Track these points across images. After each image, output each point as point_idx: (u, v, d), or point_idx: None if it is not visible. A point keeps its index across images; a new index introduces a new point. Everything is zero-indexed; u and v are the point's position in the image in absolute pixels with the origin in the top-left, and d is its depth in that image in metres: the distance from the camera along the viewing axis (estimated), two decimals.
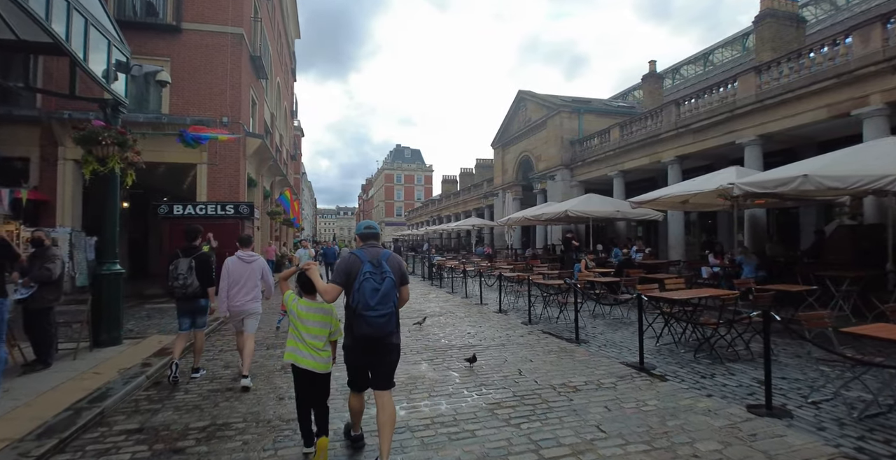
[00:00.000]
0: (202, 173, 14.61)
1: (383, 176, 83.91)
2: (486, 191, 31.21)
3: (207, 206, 12.71)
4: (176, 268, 5.23)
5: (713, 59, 32.13)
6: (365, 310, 2.93)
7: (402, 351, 6.22)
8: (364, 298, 2.93)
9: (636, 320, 8.66)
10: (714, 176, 10.41)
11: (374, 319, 2.94)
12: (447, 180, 55.70)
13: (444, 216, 41.47)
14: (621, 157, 17.79)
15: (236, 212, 12.89)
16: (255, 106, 18.50)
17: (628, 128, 17.70)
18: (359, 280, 2.98)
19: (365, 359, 3.15)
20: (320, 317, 3.32)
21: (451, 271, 14.71)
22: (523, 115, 25.02)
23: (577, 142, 20.85)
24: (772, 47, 16.99)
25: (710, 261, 10.98)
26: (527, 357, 6.03)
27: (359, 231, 3.41)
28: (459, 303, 11.22)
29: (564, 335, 7.34)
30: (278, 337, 7.75)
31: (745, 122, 12.72)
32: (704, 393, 4.53)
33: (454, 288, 14.25)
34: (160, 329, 7.85)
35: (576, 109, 21.42)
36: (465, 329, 8.04)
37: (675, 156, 15.23)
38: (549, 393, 4.61)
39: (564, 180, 21.03)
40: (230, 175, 14.87)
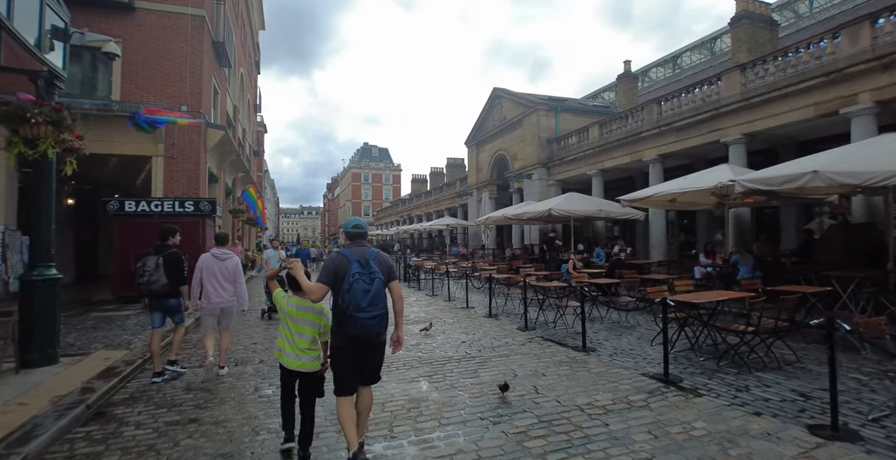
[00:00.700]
0: (158, 167, 13.32)
1: (350, 175, 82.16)
2: (460, 190, 30.61)
3: (164, 203, 11.50)
4: (143, 265, 5.20)
5: (681, 62, 32.73)
6: (356, 312, 2.90)
7: (396, 367, 5.56)
8: (355, 300, 2.90)
9: (637, 325, 8.35)
10: (707, 173, 10.13)
11: (366, 321, 2.92)
12: (417, 179, 54.90)
13: (415, 216, 40.65)
14: (601, 156, 17.53)
15: (196, 209, 11.74)
16: (218, 96, 17.21)
17: (608, 127, 17.47)
18: (348, 280, 2.93)
19: (356, 360, 3.08)
20: (311, 316, 3.22)
21: (432, 272, 13.94)
22: (498, 113, 24.56)
23: (555, 140, 20.52)
24: (747, 48, 17.12)
25: (701, 261, 10.69)
26: (537, 370, 5.38)
27: (346, 229, 3.31)
28: (444, 308, 10.50)
29: (568, 342, 6.76)
30: (248, 349, 6.81)
31: (730, 121, 12.58)
32: (751, 411, 4.00)
33: (434, 290, 13.53)
34: (107, 342, 6.77)
35: (553, 108, 21.10)
36: (457, 337, 7.34)
37: (657, 155, 15.04)
38: (578, 416, 3.97)
39: (542, 179, 20.66)
40: (189, 169, 13.63)
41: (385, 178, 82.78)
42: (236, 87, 22.41)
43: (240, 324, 8.61)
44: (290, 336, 3.20)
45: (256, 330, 8.35)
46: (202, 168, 13.95)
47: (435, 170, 49.29)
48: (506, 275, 10.68)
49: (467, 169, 29.05)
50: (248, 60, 27.68)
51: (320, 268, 3.26)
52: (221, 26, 16.02)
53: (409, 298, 12.45)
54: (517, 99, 22.55)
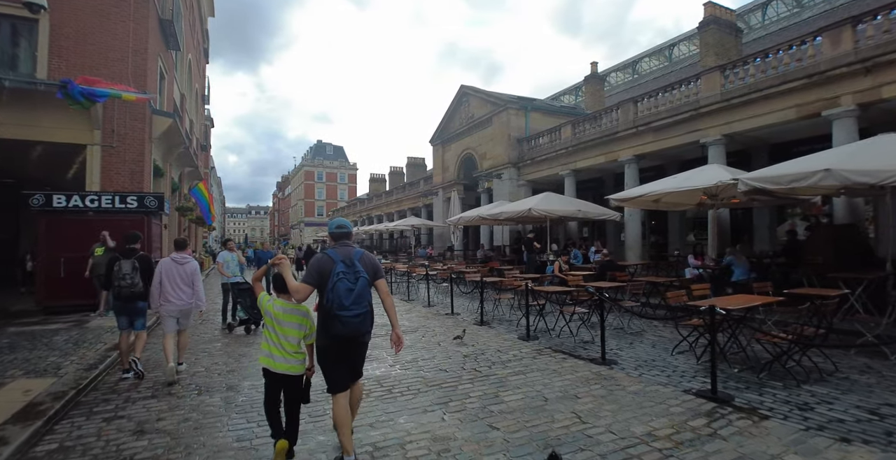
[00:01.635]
0: (94, 157, 11.67)
1: (303, 173, 79.24)
2: (424, 189, 29.77)
3: (102, 198, 9.97)
4: (120, 269, 5.32)
5: (639, 68, 33.49)
6: (339, 310, 2.91)
7: (400, 392, 4.69)
8: (338, 298, 2.91)
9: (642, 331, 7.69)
10: (698, 173, 9.88)
11: (349, 319, 2.94)
12: (375, 179, 53.54)
13: (375, 216, 39.38)
14: (574, 156, 17.25)
15: (141, 205, 10.29)
16: (164, 82, 15.54)
17: (581, 127, 17.22)
18: (332, 280, 2.95)
19: (342, 358, 3.12)
20: (297, 318, 3.19)
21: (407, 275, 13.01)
22: (466, 110, 23.95)
23: (525, 140, 20.13)
24: (715, 52, 17.37)
25: (690, 263, 10.44)
26: (566, 390, 4.67)
27: (330, 230, 3.38)
28: (427, 315, 9.66)
29: (581, 353, 6.12)
30: (210, 371, 5.70)
31: (710, 121, 12.51)
32: (836, 437, 3.46)
33: (409, 294, 12.62)
34: (28, 368, 5.45)
35: (523, 106, 20.72)
36: (456, 349, 6.54)
37: (633, 155, 14.87)
38: (649, 453, 3.27)
39: (512, 179, 20.20)
40: (132, 161, 12.05)
41: (340, 178, 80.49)
42: (184, 74, 20.55)
43: (196, 340, 7.42)
44: (278, 339, 3.12)
45: (216, 345, 7.17)
46: (146, 160, 12.39)
47: (395, 170, 48.16)
48: (497, 279, 9.94)
49: (432, 168, 28.26)
50: (197, 47, 25.65)
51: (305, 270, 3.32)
52: (170, 3, 14.42)
53: None
54: (486, 97, 22.02)
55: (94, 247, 9.06)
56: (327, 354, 3.08)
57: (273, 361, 3.10)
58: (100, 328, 7.90)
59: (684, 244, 16.05)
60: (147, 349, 6.33)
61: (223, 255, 8.64)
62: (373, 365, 5.68)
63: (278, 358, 3.10)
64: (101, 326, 8.04)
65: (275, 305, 3.16)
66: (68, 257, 9.47)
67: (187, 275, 5.48)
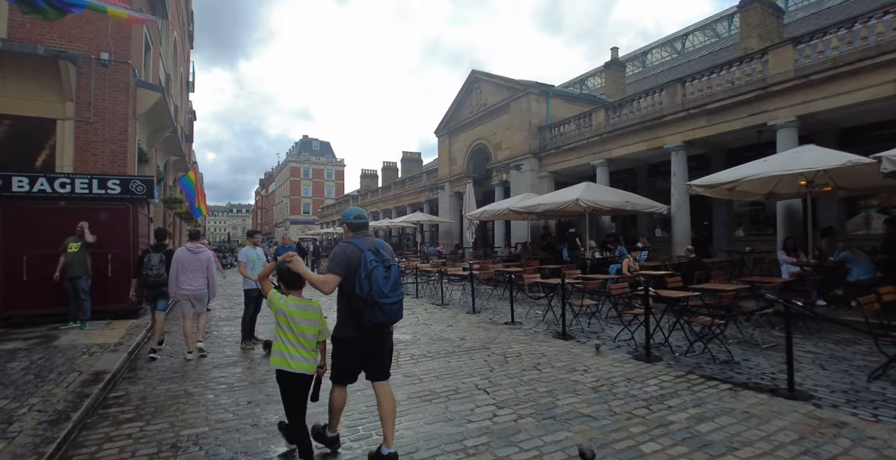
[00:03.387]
0: (66, 135, 9.69)
1: (288, 169, 76.57)
2: (427, 184, 28.02)
3: (76, 181, 8.05)
4: (150, 261, 6.07)
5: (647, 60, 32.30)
6: (380, 298, 2.84)
7: None
8: (377, 286, 2.84)
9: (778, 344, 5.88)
10: (798, 154, 8.42)
11: (390, 306, 2.89)
12: (367, 175, 51.48)
13: (371, 212, 37.41)
14: (608, 144, 15.73)
15: (125, 191, 8.39)
16: (150, 53, 13.51)
17: (616, 112, 15.70)
18: (365, 268, 2.86)
19: (366, 351, 3.04)
20: (312, 315, 3.03)
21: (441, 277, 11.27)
22: (477, 98, 22.28)
23: (547, 128, 18.56)
24: (758, 34, 16.09)
25: (781, 259, 8.97)
26: (805, 451, 3.05)
27: (347, 220, 3.21)
28: (481, 325, 7.97)
29: (744, 380, 4.52)
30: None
31: (780, 101, 11.07)
32: None
33: (443, 299, 10.90)
34: None
35: (544, 92, 19.13)
36: (565, 376, 4.88)
37: (682, 142, 13.40)
38: None
39: (532, 170, 18.61)
40: (112, 139, 10.09)
41: (327, 174, 78.09)
42: (169, 52, 18.42)
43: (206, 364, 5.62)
44: (296, 338, 2.97)
45: (234, 373, 5.36)
46: (130, 140, 10.42)
47: (388, 165, 46.30)
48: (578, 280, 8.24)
49: (437, 161, 26.52)
50: (182, 28, 23.43)
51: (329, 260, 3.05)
52: None
53: (416, 309, 9.77)
54: (502, 82, 20.37)
55: (67, 242, 7.18)
56: (352, 346, 3.03)
57: (289, 361, 2.93)
58: (73, 347, 6.03)
59: (732, 240, 14.70)
60: None
61: (247, 252, 6.61)
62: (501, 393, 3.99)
63: (296, 358, 2.94)
64: (74, 345, 6.17)
65: (289, 303, 3.01)
66: (33, 255, 7.56)
67: (202, 264, 5.99)
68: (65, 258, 7.15)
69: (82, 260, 7.24)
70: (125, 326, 7.57)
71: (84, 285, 7.26)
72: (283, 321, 2.98)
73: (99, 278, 7.88)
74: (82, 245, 7.15)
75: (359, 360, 3.04)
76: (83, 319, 7.29)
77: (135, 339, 6.60)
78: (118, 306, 8.24)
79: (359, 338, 2.95)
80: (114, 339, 6.53)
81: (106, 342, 6.37)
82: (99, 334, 6.91)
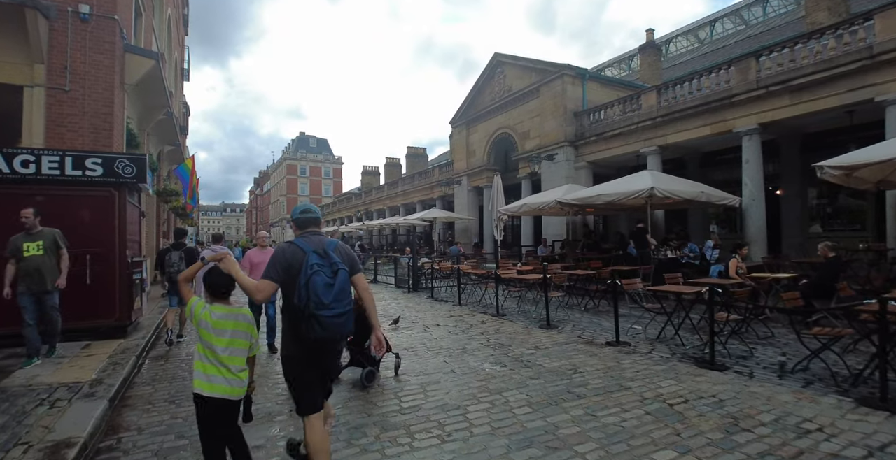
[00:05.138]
0: (34, 104, 7.77)
1: (285, 167, 74.34)
2: (440, 179, 26.13)
3: (42, 159, 6.14)
4: (171, 258, 6.56)
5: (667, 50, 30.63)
6: (318, 310, 2.38)
7: None
8: (316, 295, 2.38)
9: None
10: None
11: (331, 320, 2.40)
12: (368, 172, 49.59)
13: (375, 210, 35.53)
14: (662, 129, 13.96)
15: (108, 172, 6.49)
16: (141, 19, 11.59)
17: (671, 92, 13.93)
18: (305, 274, 2.42)
19: (316, 369, 2.58)
20: (243, 326, 2.59)
21: (497, 281, 9.35)
22: (500, 83, 20.45)
23: (585, 113, 16.77)
24: (827, 6, 14.41)
25: None
26: None
27: (295, 216, 2.81)
28: (573, 345, 6.16)
29: None
30: None
31: (891, 73, 9.37)
32: None
33: (499, 308, 9.05)
34: None
35: (579, 74, 17.34)
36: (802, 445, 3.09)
37: (758, 124, 11.65)
38: None
39: (568, 160, 16.81)
40: (94, 113, 8.18)
41: (325, 172, 75.97)
42: (164, 29, 16.44)
43: None
44: (215, 355, 2.46)
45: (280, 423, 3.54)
46: (117, 114, 8.50)
47: (391, 161, 44.38)
48: (730, 286, 6.39)
49: (454, 153, 24.66)
50: (178, 9, 21.45)
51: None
52: None
53: (468, 320, 7.92)
54: (530, 64, 18.54)
55: (16, 243, 5.17)
56: (299, 365, 2.55)
57: (210, 383, 2.43)
58: (28, 391, 4.15)
59: (807, 236, 13.00)
60: None
61: None
62: None
63: (218, 380, 2.44)
64: (31, 386, 4.29)
65: (212, 312, 2.52)
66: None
67: None
68: (19, 264, 5.06)
69: (49, 266, 5.20)
70: (108, 350, 5.68)
71: (55, 301, 5.30)
72: (205, 334, 2.51)
73: (74, 286, 5.98)
74: (47, 245, 5.17)
75: (314, 379, 2.59)
76: (52, 344, 5.38)
77: (120, 373, 4.72)
78: (100, 322, 6.34)
79: (301, 355, 2.54)
80: (90, 374, 4.64)
81: (79, 380, 4.48)
82: (70, 365, 5.01)
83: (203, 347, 2.51)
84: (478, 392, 4.32)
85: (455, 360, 5.43)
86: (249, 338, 2.61)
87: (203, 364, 2.49)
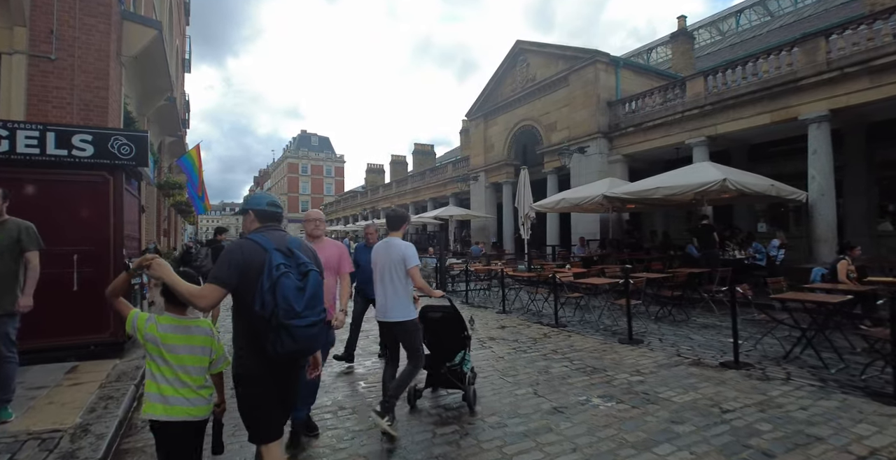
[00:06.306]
0: (13, 74, 6.54)
1: (286, 165, 73.04)
2: (455, 175, 24.90)
3: (18, 134, 4.89)
4: (198, 254, 7.51)
5: (727, 26, 29.45)
6: (288, 319, 1.98)
7: None
8: (286, 302, 1.98)
9: None
10: None
11: (304, 330, 2.01)
12: (373, 169, 48.43)
13: (382, 208, 34.29)
14: (711, 118, 12.75)
15: (101, 153, 5.27)
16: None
17: (720, 79, 12.73)
18: (269, 276, 2.00)
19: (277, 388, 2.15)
20: (198, 339, 2.22)
21: (555, 286, 8.12)
22: (522, 72, 19.23)
23: (620, 103, 15.57)
24: None
25: None
26: None
27: (258, 205, 2.30)
28: (682, 369, 4.96)
29: None
30: None
31: None
32: None
33: (557, 318, 7.82)
34: None
35: (613, 61, 16.14)
36: None
37: (829, 110, 10.47)
38: None
39: (601, 153, 15.60)
40: (86, 86, 6.93)
41: (326, 170, 74.66)
42: (164, 11, 15.20)
43: None
44: (172, 373, 2.14)
45: None
46: (113, 88, 7.25)
47: (396, 159, 43.19)
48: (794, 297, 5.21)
49: (471, 147, 23.41)
50: None
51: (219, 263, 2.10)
52: None
53: (525, 332, 6.69)
54: (557, 51, 17.32)
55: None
56: (259, 385, 2.11)
57: (165, 406, 2.10)
58: None
59: (874, 235, 11.82)
60: None
61: None
62: None
63: (175, 401, 2.11)
64: None
65: (159, 325, 2.17)
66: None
67: None
68: None
69: (5, 275, 3.49)
70: (100, 376, 4.44)
71: (7, 331, 3.45)
72: (155, 350, 2.14)
73: (57, 293, 4.77)
74: (5, 243, 3.48)
75: (274, 401, 2.13)
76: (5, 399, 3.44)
77: (115, 412, 3.50)
78: (90, 338, 5.10)
79: (263, 373, 2.09)
80: (72, 418, 3.41)
81: (57, 427, 3.25)
82: (47, 402, 3.77)
83: (155, 365, 2.16)
84: (614, 446, 3.11)
85: (549, 392, 4.21)
86: (209, 352, 2.24)
87: (156, 384, 2.14)
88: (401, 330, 3.50)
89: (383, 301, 3.50)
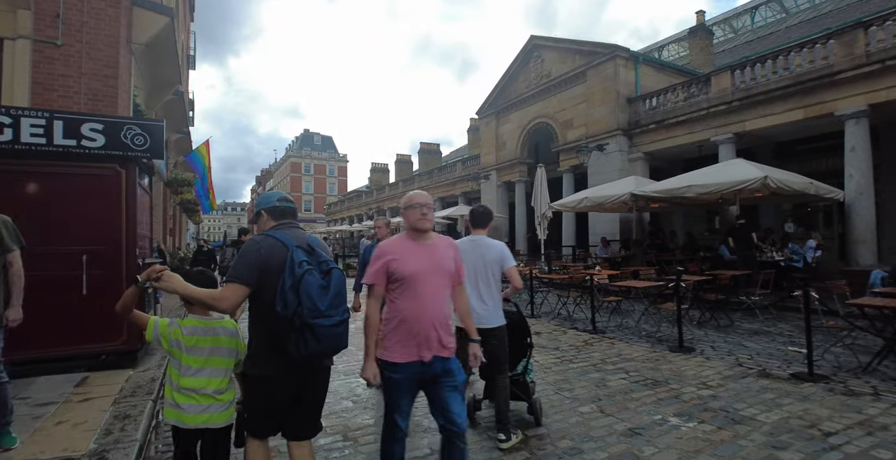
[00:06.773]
0: (17, 60, 6.11)
1: (288, 164, 72.64)
2: (464, 174, 24.47)
3: (22, 121, 4.45)
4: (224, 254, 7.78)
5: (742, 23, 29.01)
6: (313, 318, 1.87)
7: None
8: (310, 300, 1.88)
9: None
10: None
11: (329, 330, 1.90)
12: (377, 169, 48.03)
13: (388, 208, 33.87)
14: (739, 114, 12.30)
15: (113, 143, 4.82)
16: None
17: (748, 73, 12.27)
18: (292, 273, 1.90)
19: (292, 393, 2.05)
20: (224, 340, 2.14)
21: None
22: (537, 68, 18.78)
23: (640, 99, 15.12)
24: None
25: None
26: None
27: (268, 203, 2.22)
28: (754, 382, 4.53)
29: None
30: None
31: None
32: None
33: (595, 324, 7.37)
34: None
35: (632, 56, 15.69)
36: None
37: (867, 105, 10.01)
38: None
39: (621, 151, 15.15)
40: (94, 73, 6.51)
41: (329, 170, 74.24)
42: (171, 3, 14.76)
43: None
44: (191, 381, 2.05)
45: None
46: (123, 77, 6.82)
47: (402, 158, 42.77)
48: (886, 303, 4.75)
49: (482, 145, 22.95)
50: None
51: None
52: None
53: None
54: (574, 46, 16.87)
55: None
56: (274, 387, 2.01)
57: (184, 413, 2.02)
58: None
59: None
60: None
61: None
62: None
63: (192, 408, 2.02)
64: None
65: (183, 328, 2.07)
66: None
67: None
68: None
69: None
70: (113, 390, 4.00)
71: None
72: (178, 355, 2.06)
73: (66, 298, 4.35)
74: None
75: (284, 405, 2.06)
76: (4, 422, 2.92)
77: (133, 435, 3.05)
78: (102, 346, 4.66)
79: (280, 375, 2.00)
80: (85, 443, 2.96)
81: (69, 454, 2.81)
82: (55, 422, 3.33)
83: (176, 371, 2.08)
84: None
85: (617, 410, 3.76)
86: (235, 354, 2.18)
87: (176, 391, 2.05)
88: (494, 337, 3.17)
89: (476, 306, 3.11)
